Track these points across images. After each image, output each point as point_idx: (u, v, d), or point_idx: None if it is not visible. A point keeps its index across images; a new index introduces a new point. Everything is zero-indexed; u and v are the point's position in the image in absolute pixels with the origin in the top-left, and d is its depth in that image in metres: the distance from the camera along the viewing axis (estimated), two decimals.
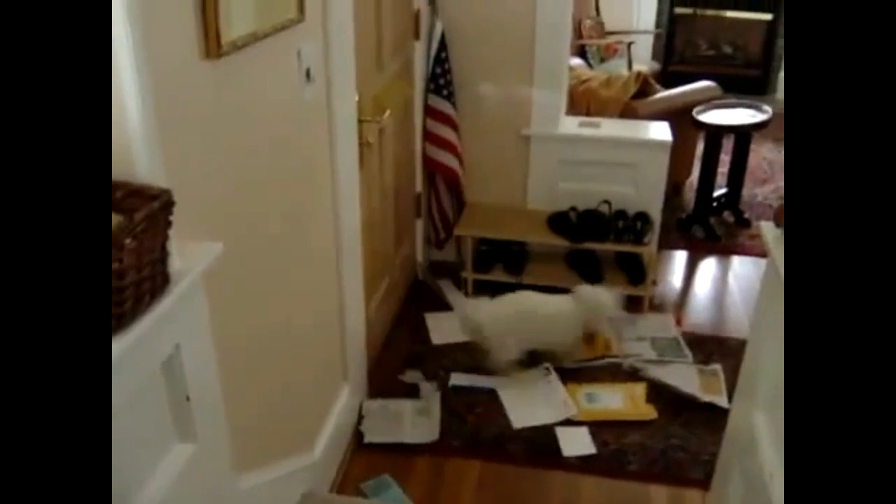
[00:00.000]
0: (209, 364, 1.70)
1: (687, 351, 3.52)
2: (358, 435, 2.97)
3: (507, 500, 2.73)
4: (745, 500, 1.90)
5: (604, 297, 3.38)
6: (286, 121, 2.12)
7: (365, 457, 2.90)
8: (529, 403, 3.17)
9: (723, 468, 2.15)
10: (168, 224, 1.39)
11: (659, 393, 3.22)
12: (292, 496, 2.33)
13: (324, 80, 2.33)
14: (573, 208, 3.88)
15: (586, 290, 3.40)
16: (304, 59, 2.16)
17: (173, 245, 1.45)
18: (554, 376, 3.31)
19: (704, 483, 2.65)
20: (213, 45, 1.65)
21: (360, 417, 3.02)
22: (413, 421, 3.02)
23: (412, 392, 3.21)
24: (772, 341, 1.76)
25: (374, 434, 2.97)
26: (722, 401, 3.11)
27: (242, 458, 2.07)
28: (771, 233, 1.79)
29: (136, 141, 1.38)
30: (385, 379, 3.31)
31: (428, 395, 3.16)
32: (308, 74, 2.19)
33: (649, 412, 3.13)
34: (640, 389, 3.25)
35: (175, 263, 1.48)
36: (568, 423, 3.06)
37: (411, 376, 3.31)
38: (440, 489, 2.78)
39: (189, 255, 1.55)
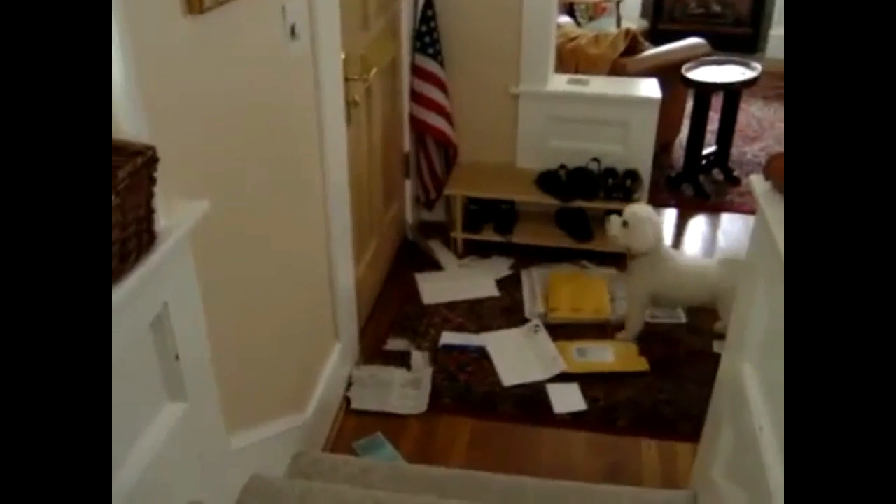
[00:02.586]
0: (198, 322, 1.70)
1: (681, 310, 3.53)
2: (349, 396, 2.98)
3: (498, 457, 2.75)
4: (735, 452, 1.91)
5: None
6: (271, 78, 2.10)
7: (357, 416, 2.91)
8: (519, 361, 3.18)
9: (713, 421, 2.17)
10: (152, 181, 1.37)
11: (650, 348, 3.24)
12: (284, 456, 2.33)
13: (309, 38, 2.30)
14: (562, 166, 3.87)
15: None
16: (289, 15, 2.13)
17: (159, 203, 1.44)
18: (544, 333, 3.33)
19: (694, 437, 2.66)
20: (195, 0, 1.63)
21: (349, 384, 3.02)
22: (401, 392, 3.02)
23: (404, 357, 3.21)
24: (760, 294, 1.76)
25: (361, 402, 2.97)
26: None
27: (234, 418, 2.07)
28: (760, 185, 1.78)
29: (119, 97, 1.36)
30: (377, 338, 3.31)
31: (419, 366, 3.15)
32: (293, 31, 2.17)
33: (641, 364, 3.15)
34: (631, 344, 3.27)
35: (161, 221, 1.47)
36: (559, 378, 3.08)
37: (397, 344, 3.29)
38: (432, 447, 2.80)
39: (175, 212, 1.54)
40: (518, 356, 3.21)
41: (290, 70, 2.22)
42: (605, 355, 3.21)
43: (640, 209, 3.17)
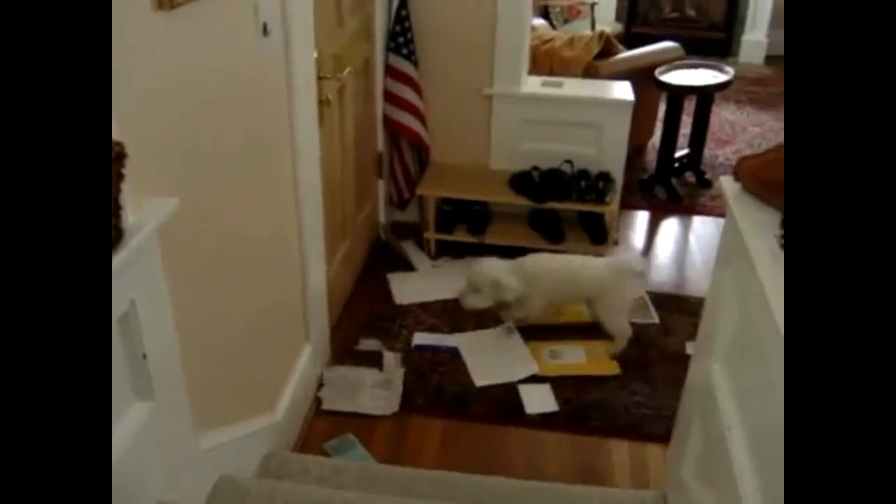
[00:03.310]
0: (166, 321, 1.68)
1: (653, 310, 3.55)
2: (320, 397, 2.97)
3: (470, 457, 2.74)
4: (704, 453, 1.92)
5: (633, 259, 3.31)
6: (242, 75, 2.08)
7: (328, 417, 2.90)
8: (491, 362, 3.18)
9: (682, 422, 2.17)
10: (121, 177, 1.36)
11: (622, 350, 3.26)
12: (254, 456, 2.32)
13: (281, 36, 2.29)
14: (536, 168, 3.88)
15: (622, 257, 3.34)
16: (261, 13, 2.12)
17: (127, 199, 1.43)
18: (517, 335, 3.33)
19: (665, 438, 2.67)
20: None
21: (321, 384, 3.01)
22: (372, 393, 3.00)
23: (375, 358, 3.19)
24: (729, 296, 1.77)
25: (333, 403, 2.95)
26: None
27: (203, 418, 2.06)
28: (730, 187, 1.79)
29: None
30: (347, 339, 3.30)
31: (390, 367, 3.14)
32: (265, 29, 2.15)
33: (613, 367, 3.16)
34: (603, 346, 3.28)
35: (129, 218, 1.45)
36: (531, 380, 3.08)
37: (369, 344, 3.27)
38: (403, 448, 2.79)
39: (144, 209, 1.53)
40: (491, 357, 3.21)
41: (261, 68, 2.21)
42: (578, 357, 3.22)
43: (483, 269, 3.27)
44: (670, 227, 4.49)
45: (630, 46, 5.11)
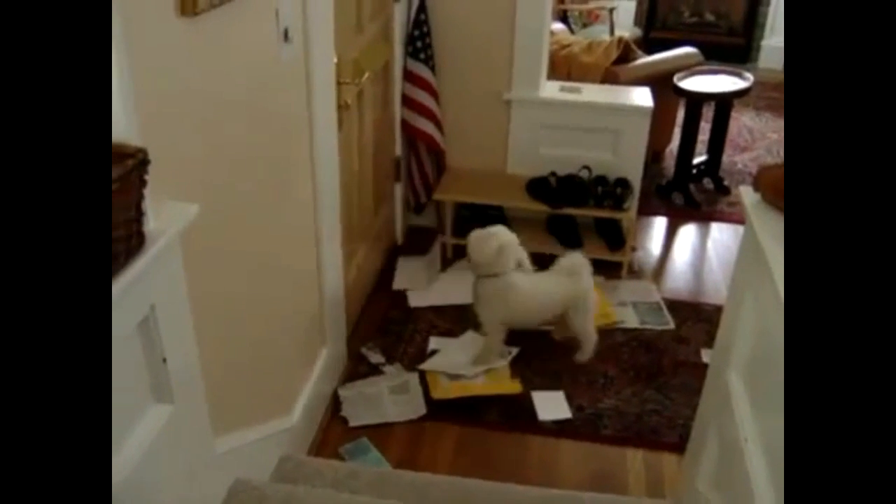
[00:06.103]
0: (186, 325, 1.69)
1: (669, 316, 3.54)
2: (336, 400, 2.97)
3: (484, 463, 2.75)
4: (720, 463, 1.92)
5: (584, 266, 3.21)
6: (263, 81, 2.10)
7: (343, 420, 2.90)
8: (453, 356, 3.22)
9: (699, 431, 2.17)
10: (143, 183, 1.37)
11: (636, 356, 3.25)
12: (270, 459, 2.32)
13: (302, 41, 2.30)
14: (553, 173, 3.87)
15: (566, 260, 3.24)
16: (282, 18, 2.13)
17: (149, 205, 1.44)
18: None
19: (679, 446, 2.68)
20: (189, 1, 1.62)
21: (339, 404, 2.98)
22: (392, 399, 3.00)
23: (385, 363, 3.20)
24: (748, 305, 1.77)
25: (358, 418, 2.92)
26: None
27: (220, 421, 2.07)
28: (749, 197, 1.79)
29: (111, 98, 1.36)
30: (364, 342, 3.30)
31: (398, 372, 3.14)
32: (286, 35, 2.17)
33: (514, 386, 3.08)
34: (503, 364, 3.20)
35: (150, 223, 1.47)
36: (538, 386, 3.07)
37: (374, 357, 3.25)
38: (418, 453, 2.79)
39: (165, 215, 1.54)
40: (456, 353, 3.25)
41: (282, 73, 2.22)
42: (475, 379, 3.12)
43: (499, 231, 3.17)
44: (688, 233, 4.47)
45: (649, 51, 5.09)
